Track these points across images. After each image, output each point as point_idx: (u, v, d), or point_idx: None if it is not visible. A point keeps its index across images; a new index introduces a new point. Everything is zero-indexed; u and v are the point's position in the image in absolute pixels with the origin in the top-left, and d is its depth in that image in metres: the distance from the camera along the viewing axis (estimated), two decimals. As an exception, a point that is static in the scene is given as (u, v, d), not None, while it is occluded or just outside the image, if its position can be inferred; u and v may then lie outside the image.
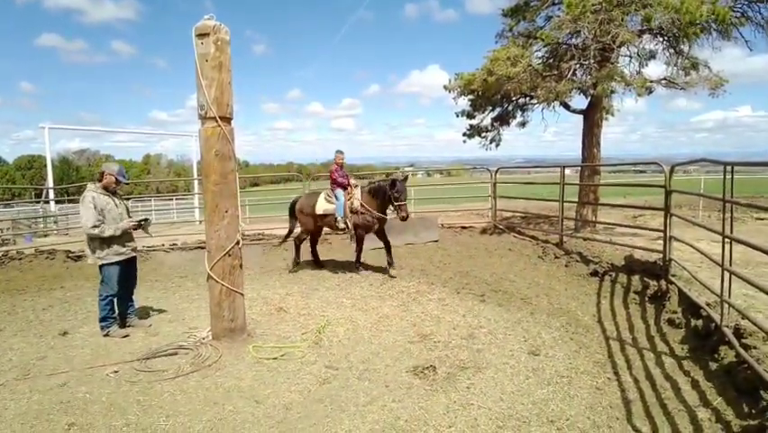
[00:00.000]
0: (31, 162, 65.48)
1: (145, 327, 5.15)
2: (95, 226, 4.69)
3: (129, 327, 5.13)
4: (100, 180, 4.94)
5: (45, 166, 20.91)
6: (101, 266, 4.91)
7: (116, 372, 4.04)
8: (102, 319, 4.94)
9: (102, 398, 3.58)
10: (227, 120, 4.45)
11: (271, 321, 5.27)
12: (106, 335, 4.90)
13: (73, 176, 57.46)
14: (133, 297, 5.34)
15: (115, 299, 5.02)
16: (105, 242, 4.82)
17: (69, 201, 20.68)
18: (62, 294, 6.85)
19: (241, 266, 4.72)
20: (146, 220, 5.22)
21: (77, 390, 3.72)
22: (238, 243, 4.63)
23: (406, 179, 7.08)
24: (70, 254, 9.20)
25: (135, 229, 5.09)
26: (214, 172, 4.43)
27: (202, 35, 4.25)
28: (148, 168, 77.82)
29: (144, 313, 5.61)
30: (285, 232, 8.46)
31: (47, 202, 17.81)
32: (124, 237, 4.98)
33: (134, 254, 5.18)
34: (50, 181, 19.29)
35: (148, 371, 4.02)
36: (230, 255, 4.55)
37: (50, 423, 3.25)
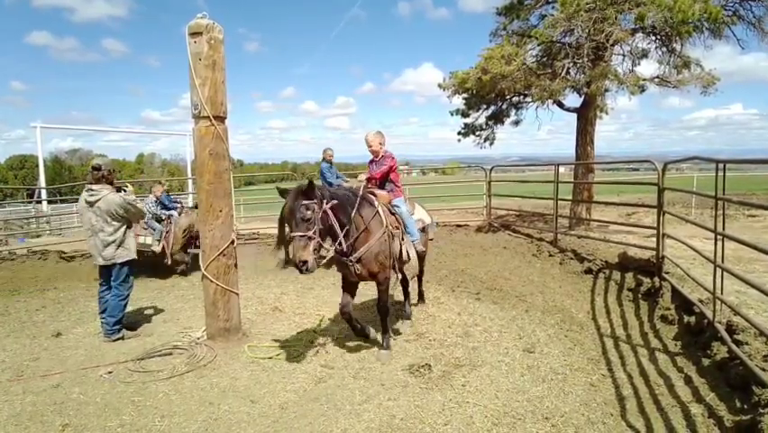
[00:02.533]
0: (22, 162, 64.93)
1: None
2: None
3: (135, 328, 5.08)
4: (110, 183, 4.86)
5: (37, 166, 20.68)
6: (130, 263, 4.87)
7: (110, 372, 4.02)
8: (118, 322, 4.82)
9: (96, 399, 3.56)
10: (221, 119, 4.43)
11: (267, 321, 5.26)
12: (121, 338, 4.79)
13: (65, 176, 57.01)
14: None
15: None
16: (132, 237, 4.90)
17: (62, 201, 20.48)
18: (55, 295, 6.79)
19: (236, 265, 4.70)
20: None
21: (70, 391, 3.70)
22: (233, 242, 4.62)
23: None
24: (63, 255, 9.12)
25: None
26: (208, 171, 4.41)
27: (195, 34, 4.23)
28: (141, 167, 77.35)
29: (139, 313, 5.58)
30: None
31: (39, 202, 17.64)
32: None
33: None
34: (42, 181, 19.11)
35: (142, 371, 4.00)
36: (224, 255, 4.54)
37: (43, 424, 3.23)
